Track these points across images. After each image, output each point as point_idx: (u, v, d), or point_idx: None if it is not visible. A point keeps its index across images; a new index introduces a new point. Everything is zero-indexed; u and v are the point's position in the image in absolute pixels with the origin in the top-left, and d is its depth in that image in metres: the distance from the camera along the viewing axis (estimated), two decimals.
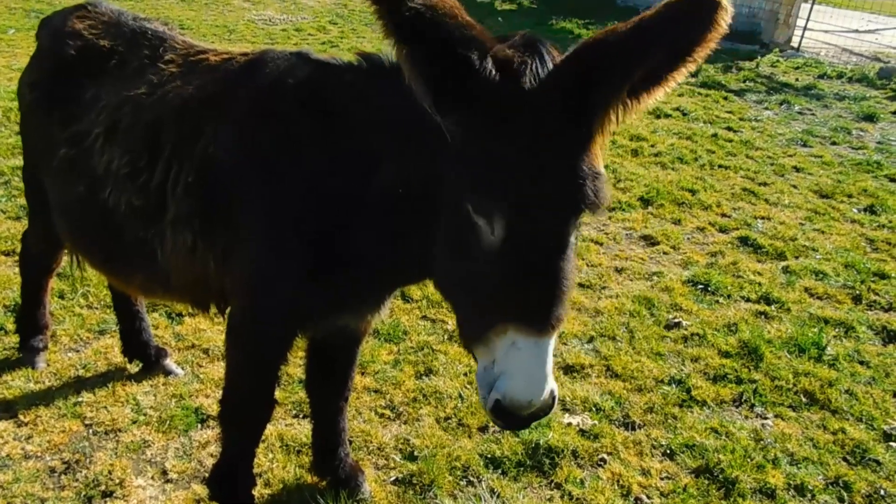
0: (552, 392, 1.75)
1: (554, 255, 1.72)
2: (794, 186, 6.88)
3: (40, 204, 3.16)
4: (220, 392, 2.77)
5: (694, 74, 10.58)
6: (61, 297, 4.20)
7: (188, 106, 2.48)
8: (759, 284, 4.98)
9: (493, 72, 1.67)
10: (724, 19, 1.66)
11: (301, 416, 3.46)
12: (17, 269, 4.21)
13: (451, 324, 4.22)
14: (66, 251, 3.44)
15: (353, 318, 2.57)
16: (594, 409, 3.66)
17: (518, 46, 1.74)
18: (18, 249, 4.01)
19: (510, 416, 1.74)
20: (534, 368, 1.70)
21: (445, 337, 4.12)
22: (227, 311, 2.59)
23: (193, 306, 2.87)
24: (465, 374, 3.81)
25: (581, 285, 4.83)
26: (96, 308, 4.16)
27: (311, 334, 2.72)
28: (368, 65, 2.19)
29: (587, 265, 5.11)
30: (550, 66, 1.72)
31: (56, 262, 3.58)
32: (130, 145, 2.57)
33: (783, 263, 5.33)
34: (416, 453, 3.29)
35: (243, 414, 2.65)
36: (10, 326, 3.82)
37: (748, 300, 4.82)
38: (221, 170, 2.34)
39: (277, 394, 3.54)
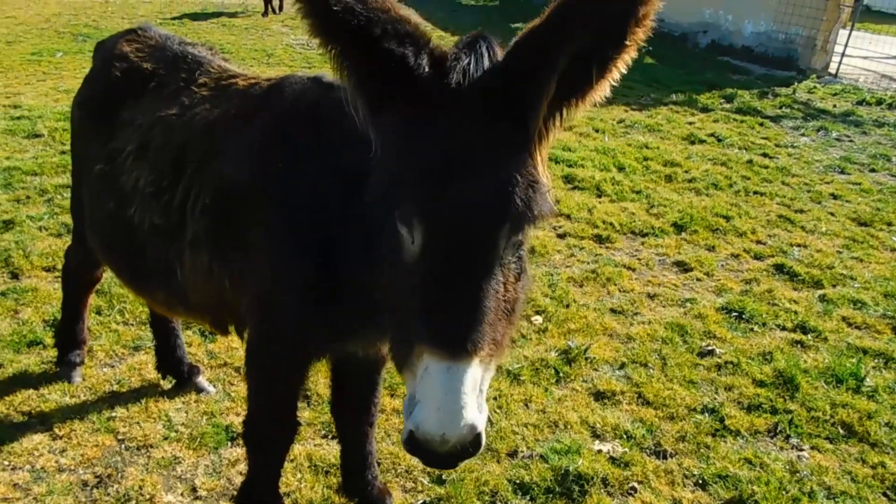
0: (472, 427, 1.51)
1: (474, 270, 1.56)
2: (832, 214, 6.76)
3: (83, 220, 3.24)
4: None
5: (729, 100, 10.53)
6: (98, 313, 4.28)
7: (212, 128, 2.53)
8: (795, 313, 4.89)
9: (426, 69, 1.59)
10: None
11: (330, 436, 3.46)
12: (57, 285, 4.32)
13: None
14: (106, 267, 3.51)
15: (362, 343, 2.48)
16: (625, 436, 3.61)
17: (459, 44, 1.64)
18: (59, 266, 4.11)
19: (424, 451, 1.55)
20: (446, 398, 1.50)
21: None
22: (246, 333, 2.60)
23: (212, 327, 2.87)
24: (495, 399, 3.79)
25: (613, 311, 4.79)
26: (132, 324, 4.23)
27: (324, 360, 2.69)
28: None
29: (619, 290, 5.07)
30: (486, 63, 1.60)
31: (97, 277, 3.67)
32: (157, 165, 2.62)
33: (820, 292, 5.23)
34: (444, 477, 3.27)
35: (265, 435, 2.64)
36: (49, 341, 3.91)
37: (784, 329, 4.73)
38: (236, 192, 2.35)
39: (306, 414, 3.57)
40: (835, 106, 10.77)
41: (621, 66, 1.63)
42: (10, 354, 3.86)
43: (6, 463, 3.18)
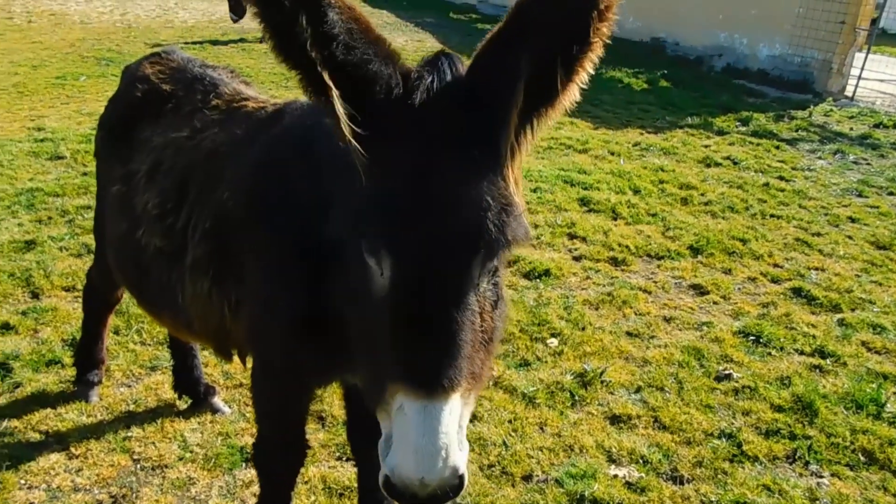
0: (454, 469, 1.44)
1: (447, 301, 1.47)
2: (850, 237, 6.71)
3: (104, 240, 3.28)
4: None
5: (745, 123, 10.51)
6: (116, 332, 4.31)
7: (217, 152, 2.52)
8: (814, 337, 4.84)
9: (401, 90, 1.54)
10: None
11: (344, 458, 3.46)
12: (76, 305, 4.36)
13: (496, 370, 4.20)
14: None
15: (358, 375, 2.39)
16: (641, 461, 3.57)
17: (422, 63, 1.59)
18: (79, 286, 4.16)
19: (403, 496, 1.47)
20: (423, 439, 1.41)
21: (490, 383, 4.09)
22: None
23: (216, 352, 2.85)
24: (510, 422, 3.77)
25: (629, 334, 4.76)
26: (149, 345, 4.26)
27: (331, 385, 2.66)
28: None
29: (635, 314, 5.05)
30: (449, 79, 1.55)
31: (116, 297, 3.70)
32: (164, 187, 2.63)
33: (839, 316, 5.18)
34: (458, 501, 3.25)
35: (273, 459, 2.62)
36: (68, 360, 3.94)
37: (802, 353, 4.68)
38: (231, 217, 2.32)
39: (321, 436, 3.57)
40: (851, 129, 10.73)
41: (588, 67, 1.55)
42: (30, 373, 3.90)
43: (23, 482, 3.20)
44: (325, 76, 1.49)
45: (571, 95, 1.58)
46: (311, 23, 1.45)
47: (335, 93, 1.50)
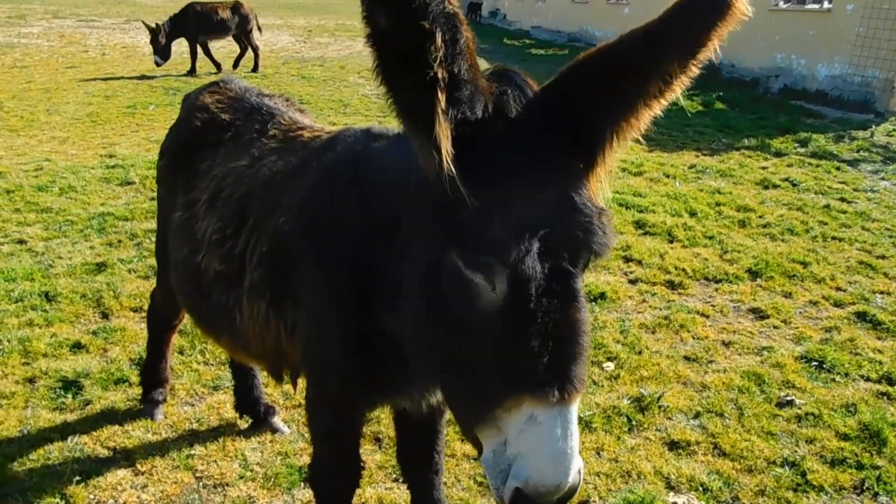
0: (580, 469, 1.49)
1: (569, 306, 1.50)
2: None
3: (166, 263, 3.40)
4: None
5: (803, 144, 10.30)
6: (181, 352, 4.45)
7: (274, 179, 2.58)
8: (880, 363, 4.68)
9: (490, 107, 1.53)
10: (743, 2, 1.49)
11: (401, 479, 3.47)
12: (143, 325, 4.51)
13: None
14: None
15: (407, 399, 2.40)
16: (701, 488, 3.50)
17: (490, 78, 1.59)
18: (146, 306, 4.30)
19: None
20: (560, 445, 1.43)
21: None
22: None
23: (269, 374, 2.89)
24: None
25: (686, 358, 4.69)
26: (212, 364, 4.38)
27: (377, 409, 2.68)
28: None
29: (693, 338, 4.97)
30: (529, 93, 1.58)
31: (179, 318, 3.81)
32: (224, 213, 2.71)
33: None
34: None
35: (327, 480, 2.64)
36: (134, 379, 4.08)
37: (868, 379, 4.53)
38: (287, 242, 2.37)
39: (378, 457, 3.60)
40: None
41: (685, 80, 1.59)
42: (99, 391, 4.04)
43: (91, 497, 3.30)
44: (442, 97, 1.44)
45: (657, 110, 1.62)
46: (448, 42, 1.41)
47: (444, 113, 1.45)
